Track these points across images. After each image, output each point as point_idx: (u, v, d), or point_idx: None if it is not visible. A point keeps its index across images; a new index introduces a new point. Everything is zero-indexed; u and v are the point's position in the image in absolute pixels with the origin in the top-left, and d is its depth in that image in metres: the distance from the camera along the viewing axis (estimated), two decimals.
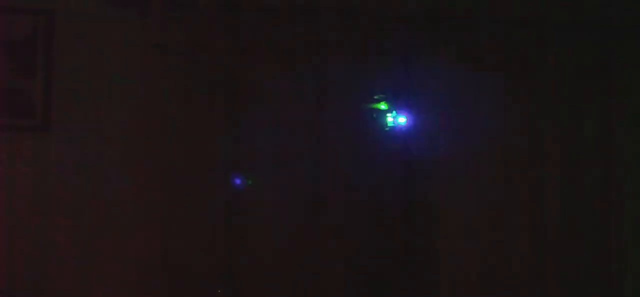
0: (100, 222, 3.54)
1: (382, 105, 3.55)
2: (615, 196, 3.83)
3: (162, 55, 3.55)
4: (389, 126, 3.56)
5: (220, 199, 3.59)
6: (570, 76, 3.82)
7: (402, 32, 3.73)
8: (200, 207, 3.58)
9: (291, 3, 3.63)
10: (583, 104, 3.84)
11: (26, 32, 3.53)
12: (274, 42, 3.64)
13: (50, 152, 3.55)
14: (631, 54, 3.85)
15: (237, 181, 3.64)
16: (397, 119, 3.53)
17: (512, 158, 3.79)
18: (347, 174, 3.69)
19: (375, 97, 3.63)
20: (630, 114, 3.85)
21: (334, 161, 3.67)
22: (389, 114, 3.60)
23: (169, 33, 3.56)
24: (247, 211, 3.61)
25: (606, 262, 3.82)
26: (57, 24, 3.56)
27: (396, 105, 3.65)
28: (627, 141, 3.84)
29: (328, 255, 3.65)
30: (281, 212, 3.64)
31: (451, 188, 3.75)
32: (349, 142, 3.70)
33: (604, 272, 3.82)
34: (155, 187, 3.54)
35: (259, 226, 3.62)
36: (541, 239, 3.77)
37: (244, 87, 3.63)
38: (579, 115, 3.83)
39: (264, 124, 3.64)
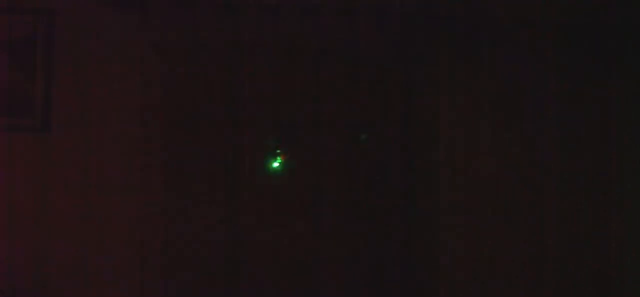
0: (100, 222, 3.54)
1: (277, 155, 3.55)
2: (615, 195, 3.83)
3: (162, 55, 3.55)
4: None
5: (220, 198, 3.59)
6: (571, 76, 3.83)
7: (402, 32, 3.73)
8: (200, 206, 3.58)
9: (291, 3, 3.64)
10: (583, 104, 3.84)
11: (26, 32, 3.53)
12: (274, 41, 3.64)
13: (50, 152, 3.55)
14: (631, 54, 3.85)
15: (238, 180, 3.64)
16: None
17: (512, 158, 3.79)
18: (347, 174, 3.69)
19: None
20: (630, 113, 3.85)
21: (333, 161, 3.67)
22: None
23: (169, 33, 3.57)
24: (247, 210, 3.61)
25: (606, 262, 3.82)
26: (57, 24, 3.57)
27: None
28: (627, 141, 3.84)
29: (328, 255, 3.65)
30: (281, 212, 3.64)
31: (451, 187, 3.75)
32: (348, 142, 3.70)
33: (604, 273, 3.82)
34: (155, 186, 3.54)
35: (259, 226, 3.62)
36: (541, 240, 3.77)
37: (244, 86, 3.63)
38: (579, 115, 3.83)
39: (262, 124, 3.64)
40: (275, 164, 3.55)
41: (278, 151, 3.46)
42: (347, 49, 3.69)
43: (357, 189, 3.70)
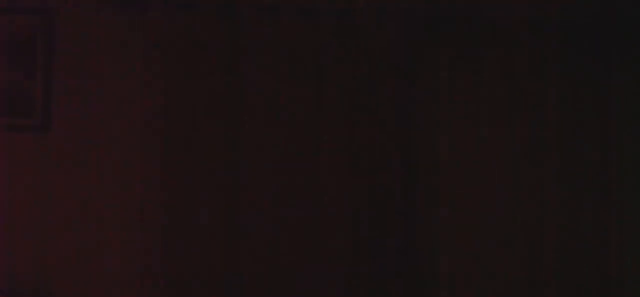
0: (100, 222, 3.55)
1: None
2: (615, 195, 3.83)
3: (162, 55, 3.55)
4: None
5: (220, 199, 3.59)
6: (571, 76, 3.83)
7: (402, 32, 3.73)
8: (200, 207, 3.58)
9: (291, 3, 3.64)
10: (583, 104, 3.84)
11: (26, 32, 3.53)
12: (274, 42, 3.64)
13: (50, 152, 3.55)
14: (631, 54, 3.85)
15: (238, 180, 3.64)
16: None
17: (511, 158, 3.79)
18: (346, 173, 3.69)
19: None
20: (630, 114, 3.85)
21: (333, 161, 3.67)
22: None
23: (169, 33, 3.57)
24: (247, 211, 3.61)
25: (606, 262, 3.82)
26: (57, 24, 3.57)
27: None
28: (627, 141, 3.84)
29: (328, 255, 3.65)
30: (281, 211, 3.64)
31: (451, 188, 3.75)
32: (349, 141, 3.70)
33: (604, 273, 3.82)
34: (155, 187, 3.54)
35: (259, 226, 3.62)
36: (541, 239, 3.77)
37: (244, 87, 3.63)
38: (579, 115, 3.83)
39: (263, 124, 3.63)
40: None
41: None
42: (347, 48, 3.70)
43: (357, 188, 3.70)
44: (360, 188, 3.70)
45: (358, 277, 3.68)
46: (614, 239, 3.83)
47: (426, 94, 3.77)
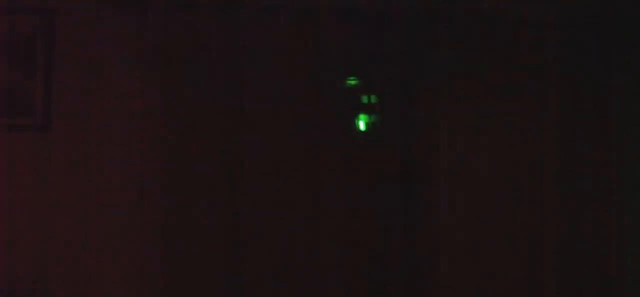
0: (100, 222, 3.54)
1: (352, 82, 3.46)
2: (615, 195, 3.83)
3: (162, 55, 3.55)
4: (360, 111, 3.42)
5: (220, 199, 3.59)
6: (571, 76, 3.83)
7: (402, 32, 3.73)
8: (200, 207, 3.58)
9: (291, 3, 3.64)
10: (583, 104, 3.84)
11: (26, 32, 3.53)
12: (274, 42, 3.64)
13: (50, 152, 3.55)
14: (631, 54, 3.85)
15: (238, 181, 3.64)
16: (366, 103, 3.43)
17: (511, 158, 3.79)
18: (346, 174, 3.69)
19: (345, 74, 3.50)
20: (630, 114, 3.85)
21: (333, 161, 3.67)
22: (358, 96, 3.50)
23: (169, 33, 3.57)
24: (247, 211, 3.61)
25: (606, 262, 3.82)
26: (57, 24, 3.56)
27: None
28: (627, 141, 3.84)
29: (328, 255, 3.65)
30: (281, 212, 3.64)
31: (451, 188, 3.75)
32: (348, 142, 3.70)
33: (604, 273, 3.82)
34: (155, 187, 3.54)
35: (259, 226, 3.62)
36: (541, 239, 3.77)
37: (244, 87, 3.63)
38: (579, 115, 3.83)
39: (263, 124, 3.64)
40: (361, 124, 3.47)
41: (362, 108, 3.30)
42: (347, 49, 3.70)
43: (357, 189, 3.70)
44: (360, 188, 3.70)
45: (358, 277, 3.68)
46: (614, 239, 3.83)
47: (426, 94, 3.77)
